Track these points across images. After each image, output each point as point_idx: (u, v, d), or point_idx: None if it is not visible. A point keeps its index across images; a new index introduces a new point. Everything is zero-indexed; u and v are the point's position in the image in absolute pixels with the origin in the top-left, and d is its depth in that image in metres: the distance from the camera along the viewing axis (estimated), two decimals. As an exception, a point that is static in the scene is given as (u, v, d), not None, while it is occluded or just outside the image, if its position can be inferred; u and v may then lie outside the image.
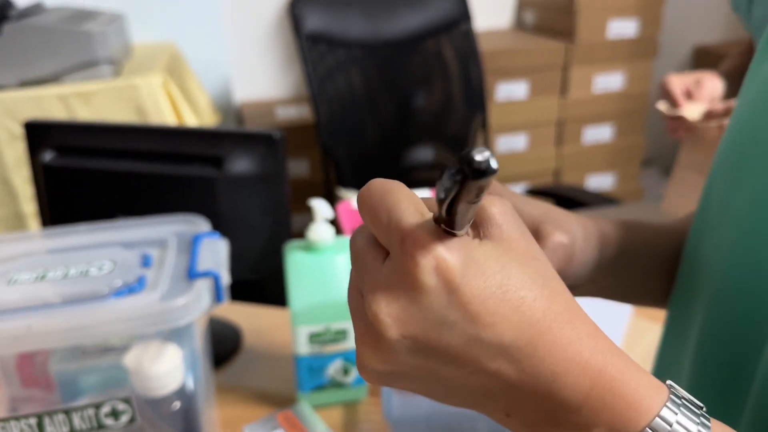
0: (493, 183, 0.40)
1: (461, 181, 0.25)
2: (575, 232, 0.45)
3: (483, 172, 0.24)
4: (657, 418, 0.28)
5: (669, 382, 0.30)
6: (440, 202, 0.27)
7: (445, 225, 0.28)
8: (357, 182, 1.94)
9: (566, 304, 0.29)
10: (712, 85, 1.03)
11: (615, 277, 0.48)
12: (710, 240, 0.43)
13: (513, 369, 0.28)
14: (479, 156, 0.24)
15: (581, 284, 0.46)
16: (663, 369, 0.51)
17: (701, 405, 0.30)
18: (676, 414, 0.28)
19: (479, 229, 0.30)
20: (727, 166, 0.43)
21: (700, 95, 1.02)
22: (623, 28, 2.33)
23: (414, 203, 0.29)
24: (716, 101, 1.02)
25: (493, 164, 0.24)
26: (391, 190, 0.30)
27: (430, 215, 0.29)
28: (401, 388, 0.31)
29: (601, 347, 0.29)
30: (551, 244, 0.43)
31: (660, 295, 0.51)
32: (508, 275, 0.28)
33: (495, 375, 0.28)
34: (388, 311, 0.28)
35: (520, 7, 2.56)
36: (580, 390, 0.28)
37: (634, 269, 0.49)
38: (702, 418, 0.29)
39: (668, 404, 0.28)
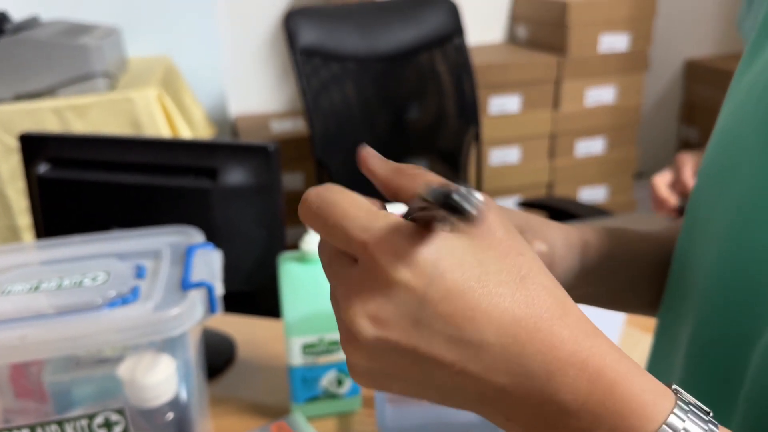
0: None
1: (442, 207, 0.24)
2: (555, 241, 0.45)
3: (462, 214, 0.24)
4: (664, 426, 0.26)
5: (675, 386, 0.29)
6: (421, 206, 0.27)
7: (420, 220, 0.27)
8: (351, 195, 1.94)
9: (557, 300, 0.28)
10: None
11: (600, 284, 0.48)
12: (698, 247, 0.43)
13: (502, 369, 0.27)
14: (466, 204, 0.24)
15: None
16: (654, 376, 0.52)
17: (708, 410, 0.28)
18: (684, 421, 0.27)
19: None
20: (712, 174, 0.43)
21: None
22: (614, 42, 2.35)
23: (362, 208, 0.29)
24: None
25: (474, 211, 0.24)
26: (332, 203, 0.29)
27: (383, 212, 0.28)
28: (395, 391, 0.31)
29: (599, 348, 0.27)
30: None
31: (648, 302, 0.51)
32: (486, 270, 0.27)
33: (482, 377, 0.27)
34: (363, 313, 0.27)
35: (513, 22, 2.58)
36: (578, 393, 0.27)
37: (619, 276, 0.49)
38: (710, 425, 0.27)
39: (676, 410, 0.27)
